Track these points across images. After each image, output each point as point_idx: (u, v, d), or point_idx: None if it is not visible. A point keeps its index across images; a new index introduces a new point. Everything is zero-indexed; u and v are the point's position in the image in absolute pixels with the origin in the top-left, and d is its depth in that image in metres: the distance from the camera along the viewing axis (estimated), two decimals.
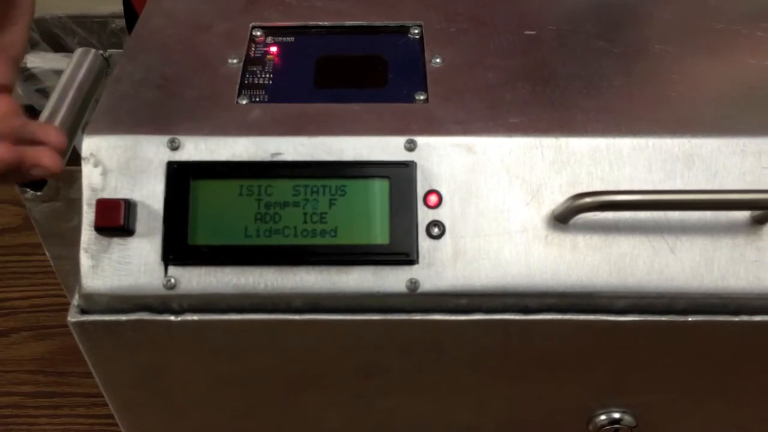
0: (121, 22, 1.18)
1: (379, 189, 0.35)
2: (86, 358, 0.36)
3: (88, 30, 1.16)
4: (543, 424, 0.42)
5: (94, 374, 0.37)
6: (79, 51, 0.55)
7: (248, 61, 0.41)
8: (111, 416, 0.76)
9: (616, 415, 0.41)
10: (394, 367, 0.38)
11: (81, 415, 0.77)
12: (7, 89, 0.37)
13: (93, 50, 0.55)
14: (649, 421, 0.41)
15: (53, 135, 0.35)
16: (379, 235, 0.34)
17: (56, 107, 0.50)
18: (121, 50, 0.56)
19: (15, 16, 0.38)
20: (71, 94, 0.51)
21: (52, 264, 0.52)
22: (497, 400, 0.40)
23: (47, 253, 0.51)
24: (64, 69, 0.54)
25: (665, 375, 0.38)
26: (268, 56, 0.42)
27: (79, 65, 0.54)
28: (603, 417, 0.41)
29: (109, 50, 0.56)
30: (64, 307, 0.96)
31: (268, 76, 0.40)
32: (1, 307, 0.88)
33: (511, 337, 0.36)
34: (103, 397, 0.78)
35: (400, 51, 0.42)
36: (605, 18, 0.43)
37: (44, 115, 0.50)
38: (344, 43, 0.43)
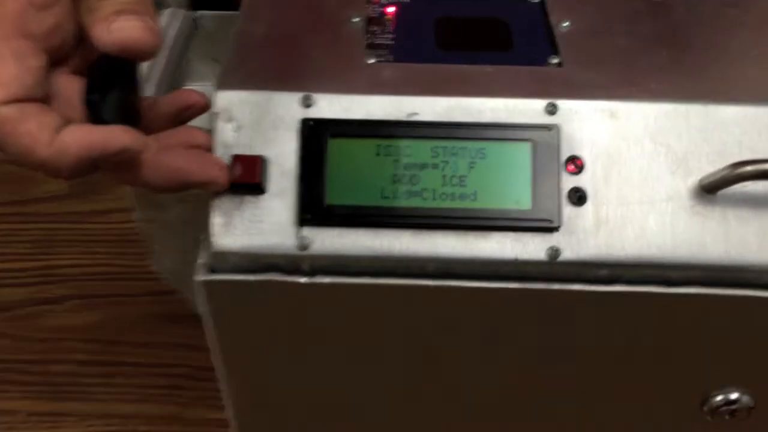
0: None
1: (520, 152, 0.34)
2: (205, 319, 0.35)
3: None
4: (656, 404, 0.41)
5: (209, 337, 0.36)
6: (167, 11, 0.54)
7: (368, 21, 0.40)
8: (167, 387, 0.77)
9: (734, 396, 0.40)
10: (518, 339, 0.37)
11: (137, 385, 0.76)
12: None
13: (182, 11, 0.54)
14: None
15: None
16: (521, 200, 0.33)
17: (151, 67, 0.49)
18: (210, 12, 0.55)
19: None
20: (165, 54, 0.50)
21: (142, 227, 0.51)
22: (616, 377, 0.39)
23: (138, 216, 0.50)
24: None
25: None
26: (386, 17, 0.41)
27: (169, 25, 0.52)
28: (720, 397, 0.40)
29: (198, 11, 0.55)
30: (116, 276, 0.96)
31: (389, 36, 0.39)
32: (51, 275, 0.88)
33: (649, 311, 0.35)
34: (159, 367, 0.78)
35: (520, 15, 0.41)
36: None
37: None
38: (461, 5, 0.41)
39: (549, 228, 0.33)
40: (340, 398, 0.41)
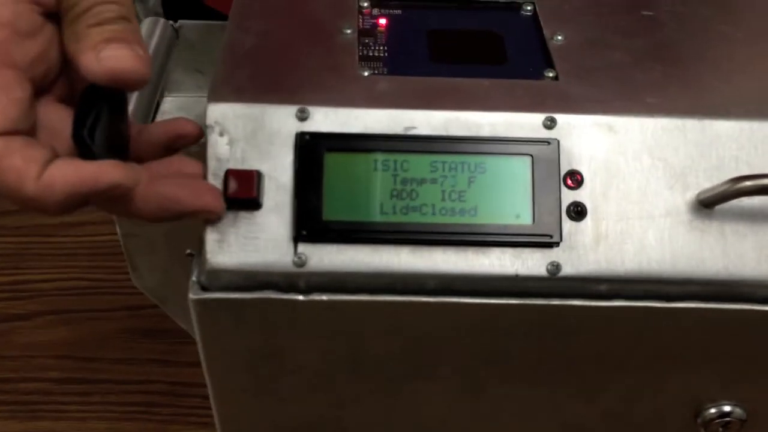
0: None
1: (520, 167, 0.33)
2: (198, 337, 0.34)
3: None
4: (650, 417, 0.41)
5: (202, 355, 0.35)
6: (148, 20, 0.52)
7: (360, 33, 0.39)
8: (145, 404, 0.75)
9: (727, 409, 0.40)
10: (516, 355, 0.36)
11: (113, 402, 0.74)
12: None
13: (162, 19, 0.53)
14: (761, 414, 0.40)
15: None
16: (521, 215, 0.33)
17: None
18: (192, 21, 0.54)
19: None
20: None
21: (120, 241, 0.49)
22: (611, 392, 0.39)
23: (118, 230, 0.48)
24: None
25: None
26: (378, 28, 0.40)
27: (150, 35, 0.51)
28: (713, 410, 0.40)
29: (179, 20, 0.54)
30: (90, 291, 0.93)
31: (382, 48, 0.39)
32: (22, 290, 0.85)
33: (647, 326, 0.34)
34: (136, 384, 0.76)
35: (513, 27, 0.40)
36: (720, 2, 0.42)
37: None
38: (453, 17, 0.41)
39: (549, 243, 0.33)
40: (337, 416, 0.40)
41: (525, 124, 0.34)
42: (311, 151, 0.33)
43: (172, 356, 0.78)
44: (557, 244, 0.33)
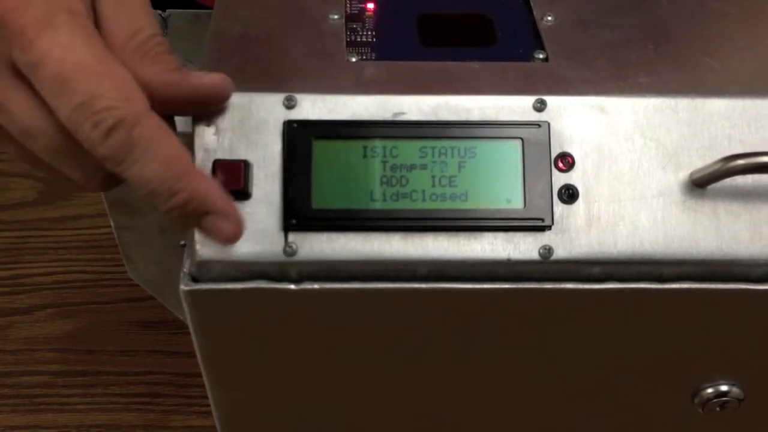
0: None
1: (510, 151, 0.33)
2: (191, 328, 0.34)
3: None
4: (646, 399, 0.41)
5: (196, 346, 0.35)
6: None
7: (348, 18, 0.39)
8: (147, 395, 0.75)
9: (724, 388, 0.40)
10: (510, 340, 0.36)
11: (115, 393, 0.74)
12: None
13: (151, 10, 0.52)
14: (759, 392, 0.40)
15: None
16: (512, 199, 0.33)
17: None
18: (181, 10, 0.54)
19: None
20: None
21: (114, 234, 0.49)
22: (606, 375, 0.39)
23: (111, 223, 0.48)
24: None
25: None
26: (366, 13, 0.40)
27: None
28: (710, 390, 0.40)
29: (168, 10, 0.53)
30: (89, 284, 0.93)
31: (370, 33, 0.38)
32: (22, 284, 0.85)
33: (641, 308, 0.34)
34: (137, 375, 0.77)
35: (503, 9, 0.40)
36: None
37: None
38: (441, 0, 0.41)
39: (541, 227, 0.33)
40: (332, 406, 0.40)
41: (515, 107, 0.34)
42: (299, 139, 0.32)
43: (173, 347, 0.78)
44: (549, 227, 0.33)
